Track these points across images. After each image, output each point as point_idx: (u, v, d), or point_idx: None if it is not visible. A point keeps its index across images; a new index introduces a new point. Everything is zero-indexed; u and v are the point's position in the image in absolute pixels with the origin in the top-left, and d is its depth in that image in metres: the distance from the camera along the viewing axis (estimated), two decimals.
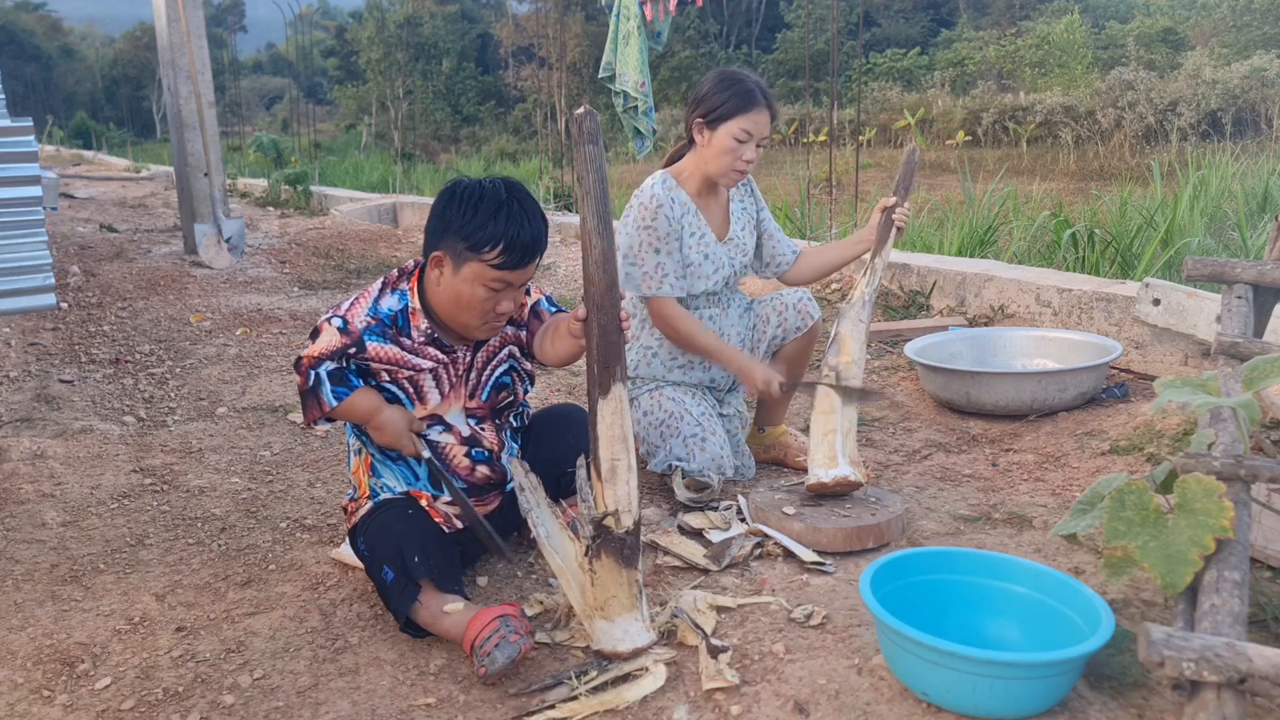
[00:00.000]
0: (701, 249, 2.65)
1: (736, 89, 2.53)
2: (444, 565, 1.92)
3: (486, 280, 1.91)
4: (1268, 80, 16.37)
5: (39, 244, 3.05)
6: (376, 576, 1.94)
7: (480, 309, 1.95)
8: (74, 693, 1.78)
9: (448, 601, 1.87)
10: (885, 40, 29.44)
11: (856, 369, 2.55)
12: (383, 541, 1.93)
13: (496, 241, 1.89)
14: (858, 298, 2.64)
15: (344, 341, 1.97)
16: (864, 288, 2.65)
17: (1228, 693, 1.29)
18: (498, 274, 1.91)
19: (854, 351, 2.56)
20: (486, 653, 1.71)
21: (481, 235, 1.88)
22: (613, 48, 6.74)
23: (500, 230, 1.88)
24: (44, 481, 2.80)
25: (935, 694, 1.60)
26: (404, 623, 1.90)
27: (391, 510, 2.00)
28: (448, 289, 1.95)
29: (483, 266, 1.90)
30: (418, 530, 1.95)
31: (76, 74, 52.19)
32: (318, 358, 1.96)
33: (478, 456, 2.11)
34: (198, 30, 6.40)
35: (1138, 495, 1.65)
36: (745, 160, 2.56)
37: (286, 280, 6.18)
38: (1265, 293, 2.24)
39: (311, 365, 1.96)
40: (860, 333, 2.59)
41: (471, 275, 1.91)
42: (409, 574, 1.87)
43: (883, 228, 2.68)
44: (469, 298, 1.93)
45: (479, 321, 1.97)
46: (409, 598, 1.87)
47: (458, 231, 1.90)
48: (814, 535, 2.24)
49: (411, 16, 30.52)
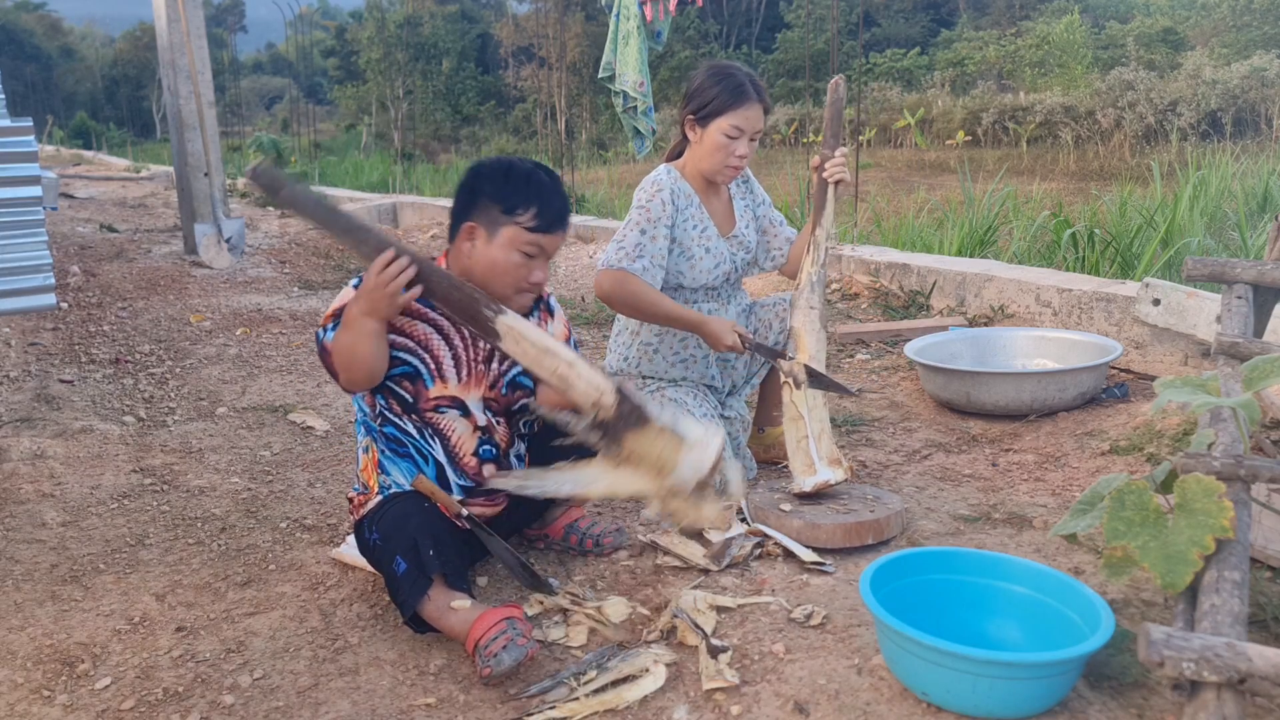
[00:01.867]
0: (703, 242, 2.63)
1: (726, 84, 2.49)
2: (456, 562, 1.91)
3: (521, 244, 1.95)
4: (1268, 80, 16.36)
5: (39, 244, 3.04)
6: (387, 567, 1.90)
7: (515, 275, 1.97)
8: (74, 693, 1.78)
9: (455, 598, 1.86)
10: (885, 40, 29.42)
11: (817, 365, 2.45)
12: (398, 532, 1.90)
13: (530, 203, 1.94)
14: (805, 281, 2.47)
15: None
16: (810, 267, 2.47)
17: (1228, 693, 1.29)
18: (531, 237, 1.95)
19: (810, 346, 2.44)
20: (493, 654, 1.71)
21: (516, 198, 1.94)
22: (612, 48, 6.74)
23: (534, 194, 1.94)
24: (44, 481, 2.80)
25: (935, 694, 1.60)
26: (409, 616, 1.88)
27: (408, 502, 1.98)
28: (482, 258, 1.97)
29: (517, 230, 1.94)
30: (433, 525, 1.93)
31: (76, 74, 52.17)
32: (335, 312, 1.96)
33: (486, 455, 2.10)
34: (198, 30, 6.40)
35: (1138, 495, 1.65)
36: (738, 156, 2.52)
37: (286, 280, 6.18)
38: (1265, 293, 2.24)
39: (330, 323, 1.96)
40: (814, 321, 2.43)
41: (506, 240, 1.95)
42: (422, 567, 1.85)
43: (818, 191, 2.47)
44: (504, 264, 1.96)
45: (513, 290, 1.99)
46: (419, 591, 1.84)
47: (491, 196, 1.95)
48: (813, 532, 2.24)
49: (411, 16, 30.52)
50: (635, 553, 2.28)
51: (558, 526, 2.30)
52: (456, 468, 2.08)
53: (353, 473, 2.87)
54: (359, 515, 2.07)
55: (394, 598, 1.91)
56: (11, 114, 3.75)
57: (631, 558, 2.26)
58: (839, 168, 2.47)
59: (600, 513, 2.52)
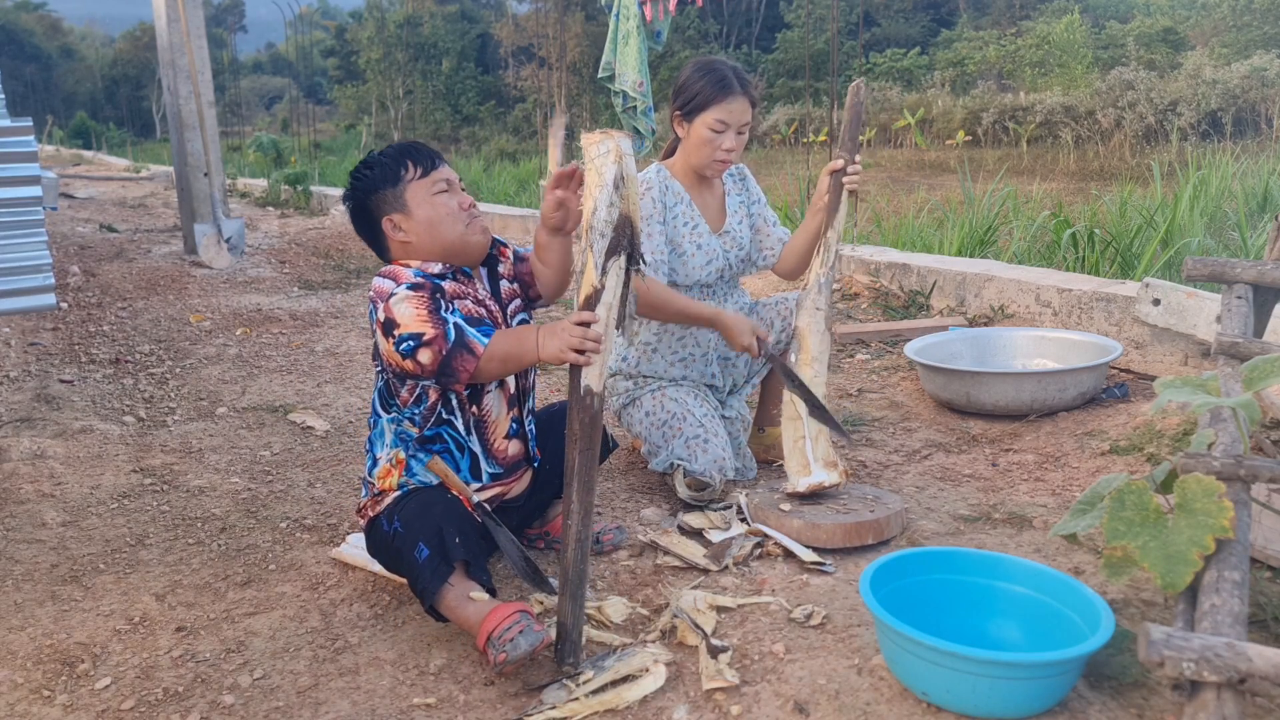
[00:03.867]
0: (694, 239, 2.63)
1: (709, 78, 2.49)
2: (477, 553, 1.91)
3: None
4: (1268, 80, 16.36)
5: (39, 244, 3.04)
6: (408, 555, 1.87)
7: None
8: (74, 693, 1.78)
9: (474, 589, 1.85)
10: (885, 40, 29.43)
11: (820, 366, 2.43)
12: (422, 519, 1.89)
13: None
14: (813, 281, 2.46)
15: (428, 291, 1.91)
16: (819, 268, 2.46)
17: (1228, 693, 1.29)
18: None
19: (814, 348, 2.43)
20: (510, 639, 1.71)
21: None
22: (612, 48, 6.74)
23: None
24: (44, 481, 2.80)
25: (935, 694, 1.60)
26: (428, 605, 1.87)
27: (432, 492, 1.99)
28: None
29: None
30: (457, 514, 1.93)
31: (76, 74, 52.18)
32: (427, 318, 1.87)
33: (512, 431, 2.11)
34: (198, 30, 6.40)
35: (1138, 495, 1.65)
36: (725, 149, 2.52)
37: (286, 280, 6.18)
38: (1265, 293, 2.24)
39: (433, 326, 1.85)
40: (820, 322, 2.43)
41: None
42: (446, 554, 1.84)
43: (832, 194, 2.47)
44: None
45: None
46: (441, 577, 1.83)
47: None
48: (813, 532, 2.24)
49: (411, 16, 30.53)
50: (635, 552, 2.28)
51: (559, 524, 2.30)
52: (489, 456, 2.09)
53: (354, 473, 2.88)
54: (374, 512, 2.04)
55: (414, 586, 1.88)
56: (11, 114, 3.75)
57: (631, 557, 2.26)
58: (856, 179, 2.45)
59: (600, 512, 2.52)
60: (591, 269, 1.82)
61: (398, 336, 1.87)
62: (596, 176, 1.81)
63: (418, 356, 1.86)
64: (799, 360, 2.47)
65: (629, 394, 2.72)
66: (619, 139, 1.82)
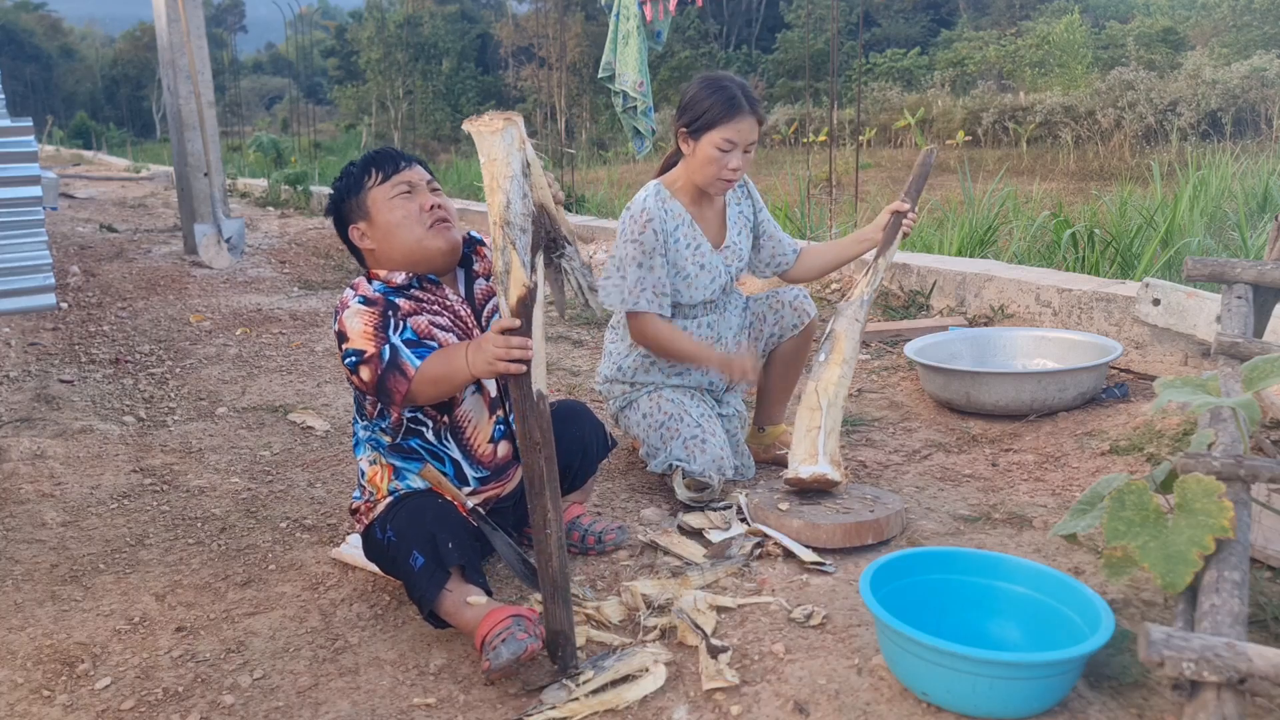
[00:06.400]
0: (697, 260, 2.63)
1: (718, 97, 2.48)
2: (472, 556, 1.91)
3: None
4: (1268, 80, 16.35)
5: (39, 244, 3.04)
6: (404, 564, 1.88)
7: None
8: (74, 693, 1.78)
9: (471, 593, 1.85)
10: (885, 40, 29.44)
11: (848, 368, 2.53)
12: (414, 527, 1.89)
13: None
14: (857, 297, 2.63)
15: (380, 307, 1.91)
16: (864, 287, 2.64)
17: (1228, 693, 1.29)
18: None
19: (846, 351, 2.55)
20: (494, 648, 1.71)
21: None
22: (612, 48, 6.75)
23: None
24: (44, 481, 2.80)
25: (935, 694, 1.60)
26: (427, 612, 1.87)
27: (423, 498, 1.98)
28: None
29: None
30: (450, 519, 1.93)
31: (76, 74, 52.20)
32: (371, 335, 1.88)
33: (498, 434, 2.10)
34: (198, 30, 6.40)
35: (1138, 495, 1.65)
36: (731, 169, 2.52)
37: (286, 280, 6.18)
38: (1265, 293, 2.24)
39: (374, 345, 1.86)
40: (855, 332, 2.58)
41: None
42: (441, 560, 1.84)
43: (890, 229, 2.67)
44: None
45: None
46: (438, 584, 1.83)
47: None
48: (813, 532, 2.24)
49: (411, 16, 30.53)
50: (635, 552, 2.28)
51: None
52: (472, 461, 2.08)
53: (353, 473, 2.87)
54: (368, 520, 2.05)
55: (412, 594, 1.89)
56: (11, 114, 3.75)
57: (632, 557, 2.26)
58: (910, 224, 2.68)
59: (600, 512, 2.52)
60: (519, 268, 1.72)
61: (345, 350, 1.90)
62: (504, 167, 1.70)
63: (360, 373, 1.88)
64: (830, 359, 2.55)
65: (625, 397, 2.72)
66: (518, 121, 1.71)
